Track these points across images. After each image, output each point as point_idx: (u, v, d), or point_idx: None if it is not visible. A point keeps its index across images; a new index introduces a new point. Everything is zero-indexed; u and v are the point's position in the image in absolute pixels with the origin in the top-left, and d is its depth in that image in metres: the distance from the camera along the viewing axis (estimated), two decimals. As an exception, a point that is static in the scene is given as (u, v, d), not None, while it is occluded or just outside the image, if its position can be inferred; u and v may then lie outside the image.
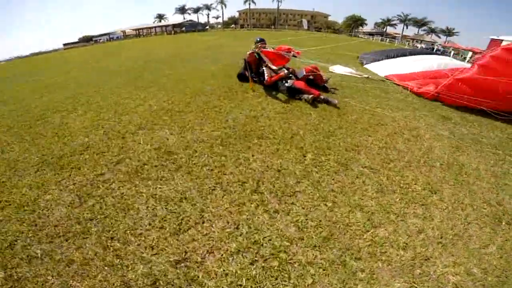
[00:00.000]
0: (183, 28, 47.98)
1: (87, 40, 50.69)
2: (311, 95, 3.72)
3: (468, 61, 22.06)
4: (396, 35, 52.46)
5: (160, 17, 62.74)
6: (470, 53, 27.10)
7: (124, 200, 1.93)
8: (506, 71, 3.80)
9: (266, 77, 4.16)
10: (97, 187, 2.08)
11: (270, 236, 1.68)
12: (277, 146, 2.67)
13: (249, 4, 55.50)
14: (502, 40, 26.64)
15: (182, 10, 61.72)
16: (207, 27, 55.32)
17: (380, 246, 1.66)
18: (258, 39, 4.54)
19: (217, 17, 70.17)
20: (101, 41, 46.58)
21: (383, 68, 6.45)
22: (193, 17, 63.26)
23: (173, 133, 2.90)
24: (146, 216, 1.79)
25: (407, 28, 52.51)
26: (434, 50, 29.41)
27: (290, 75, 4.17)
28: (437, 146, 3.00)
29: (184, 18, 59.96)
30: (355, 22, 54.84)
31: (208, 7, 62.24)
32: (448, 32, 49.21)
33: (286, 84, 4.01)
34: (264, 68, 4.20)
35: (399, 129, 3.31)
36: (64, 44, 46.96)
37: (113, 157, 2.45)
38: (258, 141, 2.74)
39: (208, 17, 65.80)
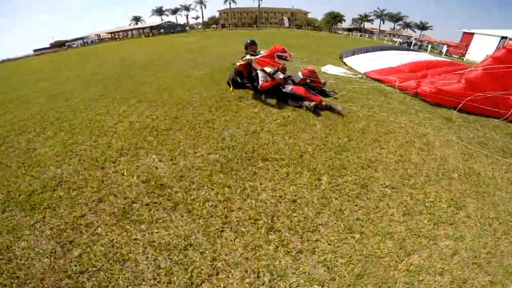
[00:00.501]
0: (162, 30, 46.56)
1: (59, 45, 47.91)
2: (313, 103, 3.45)
3: (445, 55, 23.03)
4: (374, 30, 54.05)
5: (137, 19, 60.49)
6: (445, 47, 28.34)
7: (117, 249, 1.59)
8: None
9: (260, 82, 3.84)
10: (80, 232, 1.72)
11: (298, 282, 1.46)
12: (287, 169, 2.37)
13: (230, 3, 54.80)
14: (474, 33, 28.07)
15: (159, 11, 59.94)
16: (187, 28, 54.04)
17: (416, 275, 1.57)
18: (249, 42, 4.18)
19: (196, 18, 68.77)
20: (74, 45, 44.19)
21: (362, 63, 6.35)
22: (172, 18, 61.60)
23: (162, 159, 2.50)
24: (147, 269, 1.47)
25: (383, 23, 54.26)
26: (412, 44, 30.47)
27: (287, 79, 3.88)
28: (450, 154, 2.88)
29: (162, 20, 58.21)
30: (334, 19, 55.90)
31: (186, 8, 60.87)
32: (422, 27, 51.37)
33: (284, 90, 3.72)
34: (258, 71, 3.87)
35: (409, 137, 3.13)
36: (35, 50, 43.84)
37: (93, 193, 2.04)
38: (264, 164, 2.42)
39: (187, 18, 64.36)
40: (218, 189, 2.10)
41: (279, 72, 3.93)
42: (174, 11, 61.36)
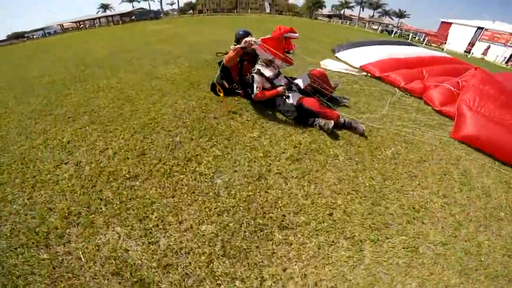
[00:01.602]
0: (133, 17, 43.01)
1: (17, 37, 42.88)
2: (331, 122, 2.58)
3: (425, 44, 23.02)
4: (353, 17, 53.85)
5: (105, 6, 55.51)
6: (424, 36, 28.45)
7: None
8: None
9: (255, 89, 2.89)
10: None
11: None
12: (317, 240, 1.60)
13: (206, -13, 51.66)
14: (452, 23, 28.38)
15: (130, -3, 55.38)
16: (161, 14, 50.37)
17: None
18: (242, 33, 3.11)
19: (172, 3, 64.66)
20: (35, 37, 39.82)
21: (356, 56, 5.62)
22: (144, 5, 57.13)
23: (131, 234, 1.60)
24: None
25: (363, 10, 54.17)
26: (393, 33, 30.32)
27: (291, 85, 2.96)
28: (490, 185, 2.42)
29: (133, 7, 53.75)
30: (314, 5, 54.87)
31: (160, -7, 56.69)
32: (401, 15, 51.91)
33: (288, 101, 2.80)
34: (253, 74, 2.91)
35: (444, 165, 2.57)
36: (-14, 43, 38.71)
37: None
38: (284, 236, 1.63)
39: (161, 3, 59.97)
40: (226, 285, 1.30)
41: (281, 76, 2.99)
42: (146, -3, 57.06)
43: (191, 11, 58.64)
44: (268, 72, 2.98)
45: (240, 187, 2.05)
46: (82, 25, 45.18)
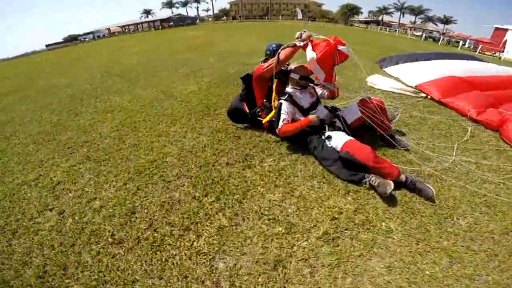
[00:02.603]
0: (171, 23, 45.35)
1: (71, 39, 47.94)
2: (389, 184, 1.78)
3: (478, 52, 20.24)
4: (392, 23, 50.58)
5: (147, 12, 59.71)
6: (473, 42, 25.23)
7: None
8: None
9: (281, 122, 2.20)
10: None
11: None
12: None
13: (240, -5, 52.95)
14: (508, 29, 24.87)
15: (169, 4, 59.14)
16: (197, 20, 52.44)
17: None
18: (274, 46, 2.42)
19: (207, 10, 67.50)
20: (86, 40, 44.15)
21: (410, 72, 4.53)
22: (182, 11, 60.51)
23: None
24: None
25: (403, 16, 50.79)
26: (440, 40, 27.49)
27: (335, 120, 2.23)
28: None
29: (172, 12, 57.03)
30: (350, 11, 52.87)
31: (197, 0, 59.46)
32: (446, 20, 47.50)
33: (330, 144, 2.06)
34: (282, 101, 2.24)
35: None
36: (47, 45, 43.49)
37: None
38: None
39: (197, 10, 62.81)
40: None
41: (321, 107, 2.28)
42: (184, 4, 60.61)
43: (224, 17, 60.32)
44: (303, 99, 2.26)
45: (248, 278, 1.38)
46: (127, 30, 48.91)
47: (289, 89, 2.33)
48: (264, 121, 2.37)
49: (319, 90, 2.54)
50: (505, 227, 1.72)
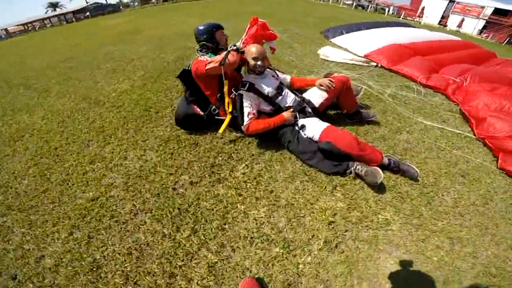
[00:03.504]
0: (87, 14, 38.76)
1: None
2: (378, 172, 1.61)
3: (402, 18, 22.40)
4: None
5: (54, 5, 49.56)
6: (396, 9, 27.84)
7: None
8: None
9: (246, 117, 1.83)
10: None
11: None
12: None
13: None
14: None
15: (80, -8, 50.05)
16: (121, 7, 45.88)
17: None
18: (210, 27, 1.98)
19: (133, -6, 59.51)
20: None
21: (357, 43, 4.59)
22: (100, -1, 51.97)
23: None
24: None
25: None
26: (368, 7, 29.51)
27: (304, 106, 1.93)
28: None
29: (87, 2, 48.49)
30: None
31: (115, -16, 51.75)
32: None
33: (305, 134, 1.78)
34: (241, 92, 1.86)
35: None
36: None
37: None
38: None
39: (119, -5, 54.79)
40: None
41: (286, 91, 1.95)
42: (101, -10, 51.89)
43: (153, 0, 54.06)
44: (266, 86, 1.90)
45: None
46: (31, 28, 40.00)
47: (247, 77, 1.94)
48: (220, 131, 1.95)
49: (280, 75, 2.21)
50: (483, 196, 1.75)
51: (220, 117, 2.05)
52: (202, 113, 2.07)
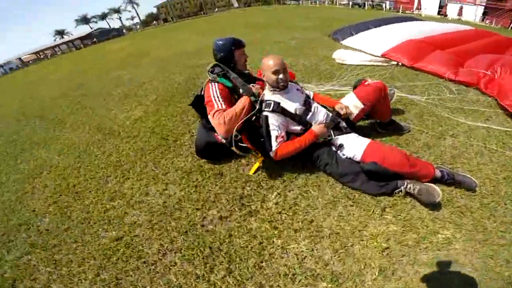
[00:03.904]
0: (94, 39, 40.57)
1: (-24, 78, 39.80)
2: (435, 190, 1.40)
3: (402, 12, 21.99)
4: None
5: (60, 33, 52.28)
6: (393, 4, 27.42)
7: None
8: None
9: (274, 142, 1.63)
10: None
11: None
12: None
13: (166, -5, 49.83)
14: None
15: (84, 20, 52.62)
16: (124, 30, 47.77)
17: None
18: (221, 44, 1.82)
19: (132, 18, 62.04)
20: (-5, 76, 36.99)
21: (370, 42, 4.33)
22: (103, 24, 54.60)
23: None
24: None
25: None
26: (365, 5, 29.26)
27: (339, 121, 1.73)
28: None
29: (91, 28, 50.85)
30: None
31: (116, 11, 54.07)
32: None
33: (343, 154, 1.60)
34: (265, 113, 1.66)
35: None
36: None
37: None
38: None
39: (121, 20, 57.16)
40: None
41: (316, 106, 1.76)
42: (103, 17, 54.51)
43: (154, 22, 55.93)
44: (291, 103, 1.70)
45: None
46: (43, 56, 42.10)
47: (269, 96, 1.74)
48: (251, 172, 1.78)
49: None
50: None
51: (244, 144, 1.85)
52: (225, 140, 1.88)
